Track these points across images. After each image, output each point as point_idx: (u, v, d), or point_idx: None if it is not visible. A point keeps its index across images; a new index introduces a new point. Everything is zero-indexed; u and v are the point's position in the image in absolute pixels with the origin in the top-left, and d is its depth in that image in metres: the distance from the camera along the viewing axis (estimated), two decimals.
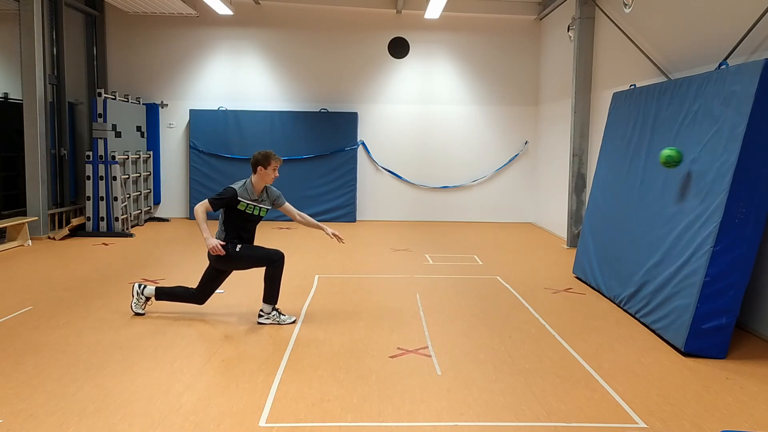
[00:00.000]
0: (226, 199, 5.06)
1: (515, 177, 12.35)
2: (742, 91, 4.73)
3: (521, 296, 6.35)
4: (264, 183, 5.26)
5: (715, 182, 4.79)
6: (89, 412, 3.51)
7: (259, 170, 5.20)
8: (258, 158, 5.20)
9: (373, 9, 11.81)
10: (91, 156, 9.89)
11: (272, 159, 5.22)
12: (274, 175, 5.26)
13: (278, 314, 5.24)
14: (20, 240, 8.87)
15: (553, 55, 11.16)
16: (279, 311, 5.26)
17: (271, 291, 5.20)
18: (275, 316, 5.23)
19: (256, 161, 5.19)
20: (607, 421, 3.52)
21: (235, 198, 5.08)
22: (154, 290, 5.40)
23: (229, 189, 5.11)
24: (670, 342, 4.84)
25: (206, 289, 5.34)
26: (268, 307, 5.22)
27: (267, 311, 5.22)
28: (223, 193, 5.08)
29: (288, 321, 5.24)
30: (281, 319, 5.23)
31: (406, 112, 12.21)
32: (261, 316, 5.23)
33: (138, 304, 5.40)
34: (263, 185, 5.27)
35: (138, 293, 5.40)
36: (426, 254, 8.64)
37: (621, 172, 6.59)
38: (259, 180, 5.22)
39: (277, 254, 5.23)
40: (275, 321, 5.21)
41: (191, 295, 5.37)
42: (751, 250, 4.60)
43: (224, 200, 5.06)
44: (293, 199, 11.88)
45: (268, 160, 5.20)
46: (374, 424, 3.43)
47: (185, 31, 11.88)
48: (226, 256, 5.08)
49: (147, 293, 5.40)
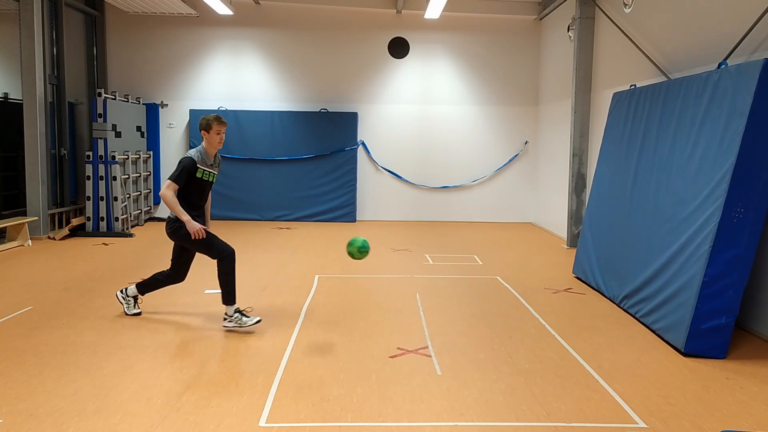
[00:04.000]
0: (186, 170, 4.93)
1: (515, 177, 12.35)
2: (742, 91, 4.73)
3: (521, 296, 6.35)
4: (213, 148, 5.09)
5: (713, 182, 4.79)
6: (89, 412, 3.51)
7: (203, 135, 5.05)
8: (201, 123, 5.05)
9: (373, 9, 11.81)
10: (91, 156, 9.90)
11: (213, 123, 5.00)
12: (219, 138, 5.05)
13: (240, 316, 5.01)
14: (20, 240, 8.87)
15: (553, 55, 11.16)
16: (241, 312, 5.04)
17: (226, 291, 5.01)
18: (237, 318, 5.00)
19: (199, 126, 5.05)
20: (607, 421, 3.52)
21: (195, 166, 4.96)
22: (135, 287, 5.39)
23: (186, 158, 4.96)
24: (670, 342, 4.84)
25: (178, 266, 5.27)
26: (230, 309, 5.01)
27: (229, 314, 5.01)
28: (184, 165, 4.93)
29: (250, 323, 5.00)
30: (243, 322, 4.99)
31: (406, 112, 12.21)
32: (225, 320, 5.04)
33: (129, 306, 5.39)
34: (214, 151, 5.12)
35: (124, 297, 5.40)
36: (426, 254, 8.64)
37: (621, 172, 6.59)
38: (208, 145, 5.06)
39: (228, 249, 5.03)
40: (237, 324, 4.99)
41: (168, 277, 5.32)
42: (749, 250, 4.60)
43: (186, 172, 4.93)
44: (293, 199, 12.05)
45: (209, 124, 5.00)
46: (374, 424, 3.43)
47: (185, 31, 11.88)
48: (178, 234, 4.97)
49: (131, 293, 5.39)
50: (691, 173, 5.19)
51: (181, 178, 4.93)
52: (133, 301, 5.41)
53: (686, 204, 5.12)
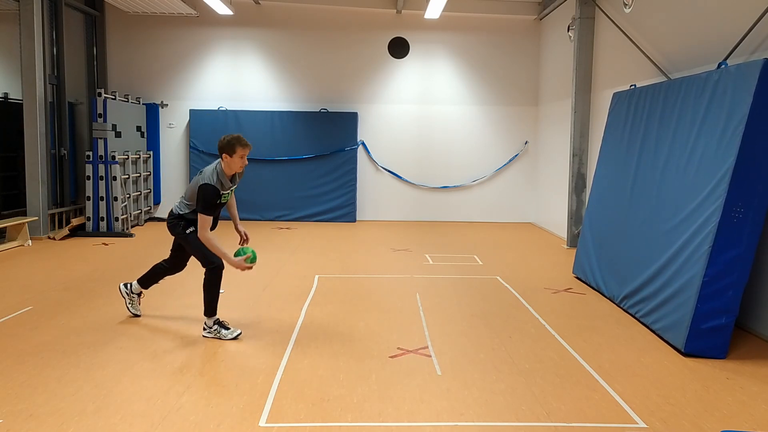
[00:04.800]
0: (214, 200, 4.71)
1: (515, 177, 12.35)
2: (742, 91, 4.73)
3: (521, 296, 6.35)
4: (233, 171, 4.80)
5: (713, 182, 4.79)
6: (89, 412, 3.51)
7: (224, 158, 4.73)
8: (222, 145, 4.70)
9: (373, 9, 11.81)
10: (91, 156, 9.90)
11: (237, 146, 4.66)
12: (242, 163, 4.74)
13: (219, 327, 4.87)
14: (20, 240, 8.87)
15: (553, 55, 11.16)
16: (222, 324, 4.91)
17: (209, 300, 4.87)
18: (216, 330, 4.86)
19: (221, 148, 4.71)
20: (607, 421, 3.52)
21: (218, 193, 4.72)
22: (138, 283, 5.35)
23: (209, 188, 4.65)
24: (670, 342, 4.84)
25: (177, 257, 5.24)
26: (210, 320, 4.88)
27: (209, 324, 4.88)
28: (206, 196, 4.66)
29: (230, 336, 4.83)
30: (222, 334, 4.84)
31: (406, 112, 12.21)
32: (204, 330, 4.92)
33: (132, 303, 5.36)
34: (233, 173, 4.85)
35: (127, 293, 5.36)
36: (426, 254, 8.64)
37: (621, 172, 6.59)
38: (227, 168, 4.76)
39: (218, 261, 4.86)
40: (216, 335, 4.84)
41: (167, 269, 5.30)
42: (749, 250, 4.60)
43: (213, 202, 4.72)
44: (293, 199, 12.05)
45: (233, 147, 4.66)
46: (374, 424, 3.43)
47: (185, 31, 11.88)
48: (176, 230, 4.92)
49: (135, 290, 5.35)
50: (691, 173, 5.19)
51: (209, 210, 4.68)
52: (137, 298, 5.38)
53: (686, 204, 5.12)
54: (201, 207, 4.68)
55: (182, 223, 4.92)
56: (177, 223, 4.95)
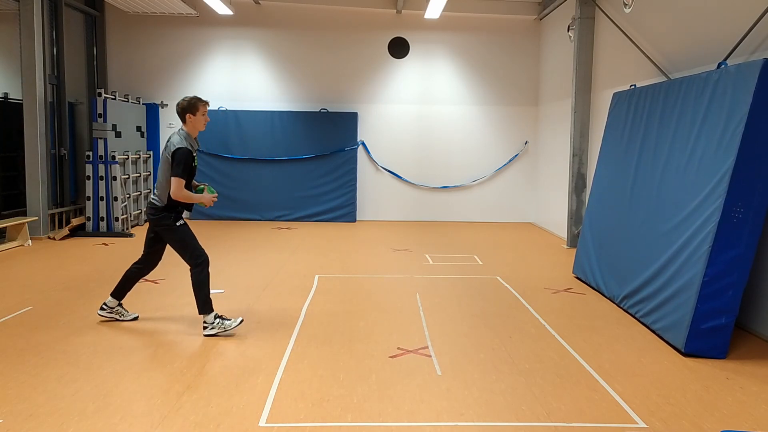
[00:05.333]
0: (188, 162, 4.75)
1: (515, 177, 12.35)
2: (742, 91, 4.73)
3: (521, 296, 6.35)
4: (197, 131, 4.94)
5: (713, 182, 4.79)
6: (89, 412, 3.51)
7: (188, 118, 4.87)
8: (183, 105, 4.85)
9: (373, 9, 11.81)
10: (91, 156, 9.90)
11: (199, 103, 4.87)
12: (204, 120, 4.93)
13: (222, 320, 4.90)
14: (20, 240, 8.87)
15: (553, 55, 11.16)
16: (222, 317, 4.94)
17: (202, 299, 4.87)
18: (219, 323, 4.88)
19: (183, 109, 4.85)
20: (607, 421, 3.52)
21: (191, 155, 4.80)
22: (111, 297, 5.19)
23: (182, 149, 4.73)
24: (670, 342, 4.84)
25: (151, 251, 5.11)
26: (210, 317, 4.89)
27: (210, 321, 4.88)
28: (183, 158, 4.71)
29: (234, 324, 4.91)
30: (227, 325, 4.88)
31: (406, 112, 12.21)
32: (205, 328, 4.89)
33: (120, 314, 5.23)
34: (197, 133, 4.98)
35: (109, 311, 5.19)
36: (426, 254, 8.64)
37: (621, 172, 6.59)
38: (192, 129, 4.90)
39: (204, 256, 4.91)
40: (221, 329, 4.87)
41: (140, 268, 5.16)
42: (749, 250, 4.60)
43: (188, 164, 4.75)
44: (293, 199, 12.04)
45: (195, 105, 4.85)
46: (374, 424, 3.43)
47: (185, 31, 11.88)
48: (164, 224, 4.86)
49: (111, 304, 5.19)
50: (690, 173, 5.19)
51: (185, 172, 4.74)
52: (121, 308, 5.25)
53: (686, 204, 5.12)
54: (178, 170, 4.71)
55: (172, 215, 4.87)
56: (166, 215, 4.85)
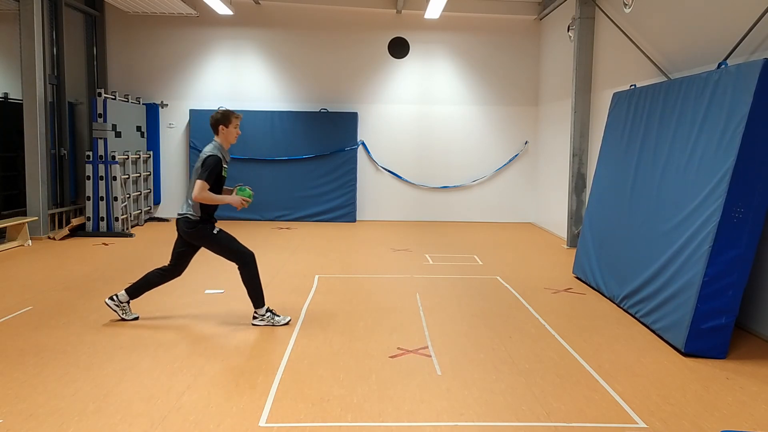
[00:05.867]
0: (216, 170, 4.89)
1: (515, 177, 12.35)
2: (742, 91, 4.73)
3: (521, 296, 6.35)
4: (229, 143, 5.12)
5: (713, 182, 4.79)
6: (89, 412, 3.51)
7: (221, 130, 5.04)
8: (217, 118, 5.05)
9: (373, 9, 11.81)
10: (91, 156, 9.90)
11: (232, 116, 5.06)
12: (236, 132, 5.11)
13: (272, 315, 5.19)
14: (20, 240, 8.87)
15: (553, 55, 11.16)
16: (273, 312, 5.22)
17: (255, 294, 5.14)
18: (269, 317, 5.17)
19: (216, 121, 5.04)
20: (607, 421, 3.52)
21: (221, 164, 4.96)
22: (125, 293, 5.21)
23: (212, 157, 4.89)
24: (670, 342, 4.84)
25: (180, 264, 5.21)
26: (262, 310, 5.18)
27: (261, 313, 5.17)
28: (211, 165, 4.86)
29: (282, 322, 5.18)
30: (275, 320, 5.17)
31: (406, 112, 12.22)
32: (255, 318, 5.19)
33: (125, 312, 5.24)
34: (229, 145, 5.15)
35: (116, 304, 5.20)
36: (426, 254, 8.64)
37: (621, 172, 6.59)
38: (224, 140, 5.08)
39: (249, 254, 5.14)
40: (269, 322, 5.15)
41: (164, 274, 5.21)
42: (749, 250, 4.60)
43: (214, 172, 4.88)
44: (293, 199, 12.04)
45: (228, 117, 5.04)
46: (374, 424, 3.43)
47: (185, 31, 11.88)
48: (200, 235, 4.99)
49: (123, 298, 5.20)
50: (691, 173, 5.19)
51: (211, 177, 4.86)
52: (127, 305, 5.26)
53: (686, 204, 5.12)
54: (205, 174, 4.83)
55: (208, 226, 5.01)
56: (202, 227, 4.99)
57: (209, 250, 5.17)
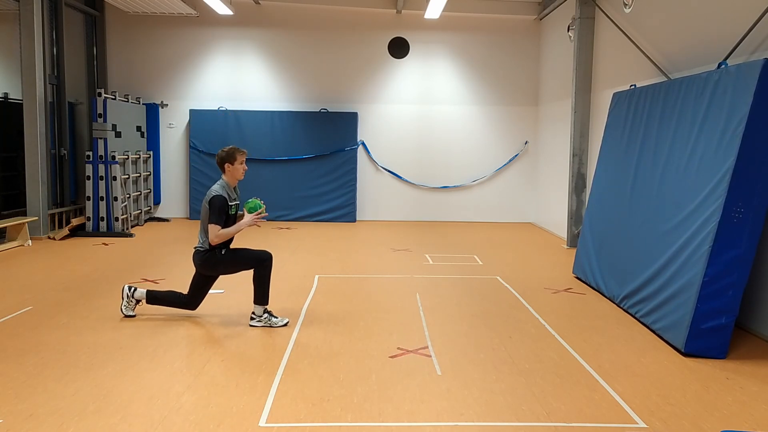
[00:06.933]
0: (224, 210, 4.94)
1: (515, 177, 12.35)
2: (742, 91, 4.73)
3: (521, 296, 6.35)
4: (236, 180, 5.14)
5: (713, 182, 4.79)
6: (89, 412, 3.51)
7: (227, 168, 5.06)
8: (222, 156, 5.04)
9: (373, 9, 11.81)
10: (91, 156, 9.90)
11: (237, 153, 5.04)
12: (243, 168, 5.11)
13: (269, 316, 5.15)
14: (20, 240, 8.87)
15: (553, 55, 11.16)
16: (270, 313, 5.18)
17: (261, 292, 5.11)
18: (266, 318, 5.13)
19: (221, 159, 5.04)
20: (607, 421, 3.52)
21: (227, 204, 4.99)
22: (145, 293, 5.29)
23: (218, 197, 4.93)
24: (670, 342, 4.84)
25: (197, 295, 5.25)
26: (260, 309, 5.13)
27: (258, 313, 5.13)
28: (219, 206, 4.91)
29: (279, 324, 5.14)
30: (272, 322, 5.13)
31: (406, 112, 12.21)
32: (252, 319, 5.15)
33: (128, 306, 5.30)
34: (236, 182, 5.17)
35: (128, 296, 5.30)
36: (426, 254, 8.64)
37: (621, 172, 6.59)
38: (231, 178, 5.10)
39: (265, 254, 5.16)
40: (266, 324, 5.12)
41: (182, 302, 5.29)
42: (749, 250, 4.60)
43: (223, 212, 4.94)
44: (293, 199, 12.03)
45: (233, 155, 5.03)
46: (374, 424, 3.43)
47: (185, 31, 11.88)
48: (212, 262, 5.05)
49: (137, 296, 5.30)
50: (691, 173, 5.19)
51: (221, 219, 4.92)
52: (135, 303, 5.33)
53: (686, 204, 5.12)
54: (215, 218, 4.90)
55: (216, 250, 5.04)
56: (211, 254, 5.03)
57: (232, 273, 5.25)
